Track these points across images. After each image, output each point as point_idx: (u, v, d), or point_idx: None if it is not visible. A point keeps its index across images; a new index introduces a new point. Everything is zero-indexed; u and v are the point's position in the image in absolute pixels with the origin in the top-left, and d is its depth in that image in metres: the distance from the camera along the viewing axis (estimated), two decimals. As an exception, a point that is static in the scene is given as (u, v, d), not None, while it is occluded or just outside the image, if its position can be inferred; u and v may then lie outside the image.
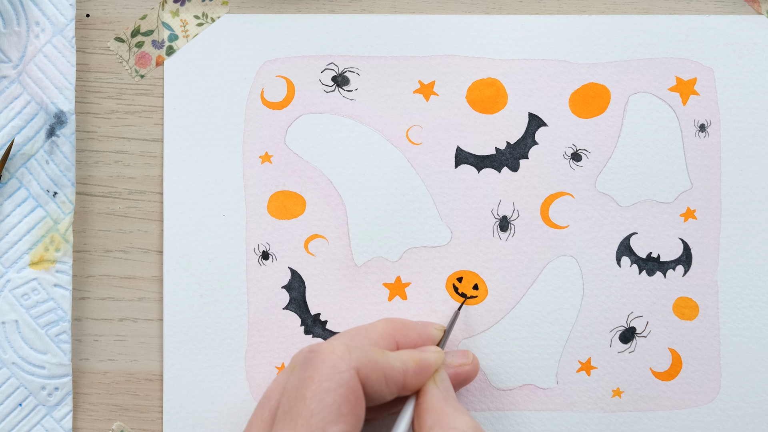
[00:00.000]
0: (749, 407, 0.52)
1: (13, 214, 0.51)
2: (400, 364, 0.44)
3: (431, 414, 0.43)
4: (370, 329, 0.47)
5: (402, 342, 0.47)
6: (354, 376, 0.41)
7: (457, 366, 0.48)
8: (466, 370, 0.48)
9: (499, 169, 0.52)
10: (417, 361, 0.45)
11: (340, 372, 0.41)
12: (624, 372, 0.52)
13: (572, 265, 0.52)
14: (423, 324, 0.49)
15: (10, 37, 0.51)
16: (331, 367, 0.41)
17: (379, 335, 0.46)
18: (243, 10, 0.52)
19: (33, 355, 0.51)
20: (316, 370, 0.41)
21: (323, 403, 0.40)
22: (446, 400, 0.44)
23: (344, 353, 0.42)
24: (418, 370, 0.44)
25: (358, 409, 0.41)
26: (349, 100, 0.52)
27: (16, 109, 0.51)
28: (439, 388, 0.45)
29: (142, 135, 0.52)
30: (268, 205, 0.52)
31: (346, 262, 0.52)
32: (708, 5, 0.53)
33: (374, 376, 0.42)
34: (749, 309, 0.52)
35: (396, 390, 0.44)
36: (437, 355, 0.46)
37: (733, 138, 0.52)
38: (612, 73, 0.52)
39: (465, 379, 0.48)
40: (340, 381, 0.41)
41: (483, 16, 0.52)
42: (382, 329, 0.47)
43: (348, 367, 0.41)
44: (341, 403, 0.41)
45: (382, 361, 0.43)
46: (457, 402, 0.45)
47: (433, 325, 0.49)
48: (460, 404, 0.45)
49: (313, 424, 0.40)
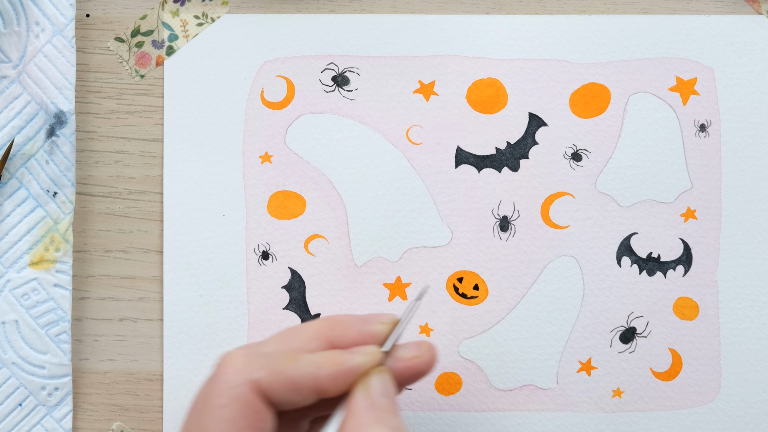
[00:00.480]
0: (749, 407, 0.52)
1: (13, 214, 0.51)
2: (312, 369, 0.41)
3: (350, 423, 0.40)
4: (302, 329, 0.43)
5: (337, 342, 0.43)
6: (249, 390, 0.39)
7: (409, 359, 0.43)
8: (418, 363, 0.43)
9: (499, 169, 0.52)
10: (336, 364, 0.41)
11: (234, 387, 0.39)
12: (624, 372, 0.52)
13: (572, 265, 0.52)
14: (366, 320, 0.44)
15: (10, 37, 0.51)
16: (226, 381, 0.39)
17: (310, 335, 0.43)
18: (243, 10, 0.52)
19: (33, 355, 0.51)
20: (214, 385, 0.40)
21: (218, 419, 0.39)
22: (369, 410, 0.41)
23: (241, 366, 0.40)
24: (335, 375, 0.41)
25: (259, 422, 0.40)
26: (349, 100, 0.52)
27: (16, 109, 0.51)
28: (369, 394, 0.41)
29: (142, 135, 0.52)
30: (268, 205, 0.52)
31: (346, 262, 0.52)
32: (708, 5, 0.53)
33: (277, 386, 0.40)
34: (749, 309, 0.52)
35: (312, 395, 0.41)
36: (366, 357, 0.42)
37: (733, 138, 0.52)
38: (612, 73, 0.52)
39: (419, 373, 0.44)
40: (235, 396, 0.39)
41: (483, 16, 0.52)
42: (315, 329, 0.43)
43: (242, 381, 0.39)
44: (237, 418, 0.39)
45: (289, 368, 0.40)
46: (389, 409, 0.41)
47: (379, 320, 0.44)
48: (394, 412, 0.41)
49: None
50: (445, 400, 0.52)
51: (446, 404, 0.52)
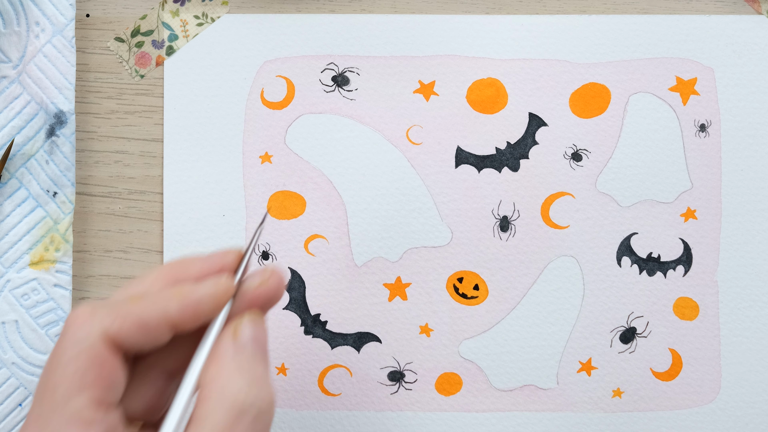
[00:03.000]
0: (749, 407, 0.52)
1: (13, 214, 0.51)
2: (160, 304, 0.40)
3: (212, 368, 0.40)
4: (144, 276, 0.42)
5: (183, 278, 0.42)
6: (96, 341, 0.39)
7: (257, 287, 0.42)
8: (265, 289, 0.42)
9: (499, 169, 0.52)
10: (182, 296, 0.40)
11: (79, 340, 0.39)
12: (624, 372, 0.52)
13: (573, 266, 0.52)
14: (210, 254, 0.43)
15: (10, 37, 0.51)
16: (72, 335, 0.39)
17: (152, 279, 0.42)
18: (243, 10, 0.52)
19: (33, 355, 0.51)
20: (62, 341, 0.39)
21: (65, 374, 0.38)
22: (233, 357, 0.40)
23: (86, 319, 0.39)
24: (183, 307, 0.40)
25: (108, 373, 0.39)
26: (349, 100, 0.52)
27: (16, 109, 0.51)
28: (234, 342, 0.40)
29: (142, 135, 0.52)
30: (268, 205, 0.52)
31: (346, 262, 0.52)
32: (708, 5, 0.53)
33: (127, 330, 0.39)
34: (749, 309, 0.52)
35: (164, 331, 0.40)
36: (214, 287, 0.41)
37: (733, 138, 0.52)
38: (612, 73, 0.52)
39: (271, 299, 0.42)
40: (81, 348, 0.38)
41: (483, 16, 0.52)
42: (157, 272, 0.42)
43: (88, 333, 0.39)
44: (85, 370, 0.38)
45: (136, 308, 0.39)
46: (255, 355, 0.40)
47: (225, 252, 0.43)
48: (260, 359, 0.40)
49: (57, 398, 0.38)
50: (445, 401, 0.52)
51: (446, 404, 0.52)
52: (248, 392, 0.39)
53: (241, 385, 0.39)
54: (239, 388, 0.39)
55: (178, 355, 0.42)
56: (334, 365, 0.52)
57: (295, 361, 0.52)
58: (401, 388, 0.52)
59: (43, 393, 0.39)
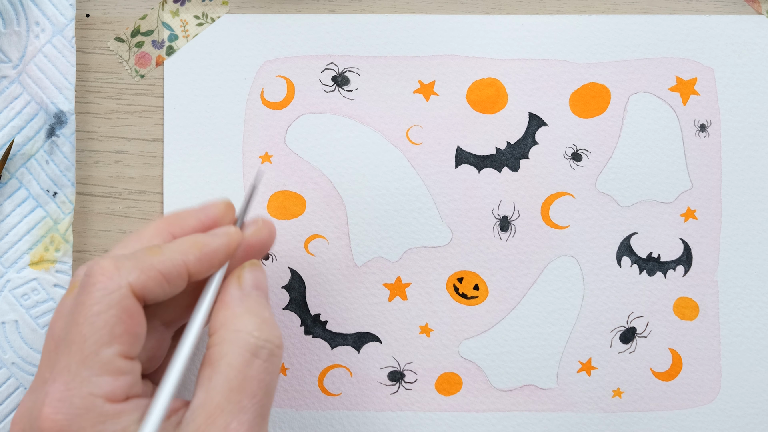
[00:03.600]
0: (749, 407, 0.52)
1: (13, 214, 0.51)
2: (179, 256, 0.42)
3: (222, 314, 0.42)
4: (141, 232, 0.44)
5: (179, 233, 0.44)
6: (126, 294, 0.40)
7: (250, 236, 0.45)
8: (260, 237, 0.45)
9: (499, 169, 0.52)
10: (199, 247, 0.42)
11: (110, 293, 0.40)
12: (624, 372, 0.52)
13: (573, 266, 0.52)
14: (202, 206, 0.45)
15: (10, 37, 0.51)
16: (101, 289, 0.40)
17: (151, 234, 0.44)
18: (243, 10, 0.52)
19: (33, 355, 0.51)
20: (88, 295, 0.40)
21: (94, 327, 0.40)
22: (241, 301, 0.42)
23: (113, 272, 0.40)
24: (201, 256, 0.42)
25: (134, 327, 0.40)
26: (349, 100, 0.52)
27: (16, 109, 0.51)
28: (240, 288, 0.43)
29: (142, 135, 0.52)
30: (268, 205, 0.52)
31: (346, 262, 0.52)
32: (708, 5, 0.53)
33: (152, 282, 0.41)
34: (749, 309, 0.52)
35: (182, 283, 0.42)
36: (226, 236, 0.43)
37: (733, 138, 0.52)
38: (612, 73, 0.52)
39: (264, 246, 0.45)
40: (111, 302, 0.40)
41: (483, 16, 0.52)
42: (154, 227, 0.44)
43: (118, 286, 0.40)
44: (114, 324, 0.40)
45: (157, 261, 0.41)
46: (258, 303, 0.43)
47: (214, 203, 0.45)
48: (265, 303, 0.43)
49: (86, 349, 0.39)
50: (445, 401, 0.52)
51: (446, 404, 0.52)
52: (260, 333, 0.41)
53: (253, 327, 0.41)
54: (251, 330, 0.41)
55: (176, 306, 0.44)
56: (334, 365, 0.52)
57: (295, 361, 0.52)
58: (401, 388, 0.52)
59: (70, 345, 0.40)
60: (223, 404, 0.40)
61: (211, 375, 0.40)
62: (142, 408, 0.40)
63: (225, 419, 0.40)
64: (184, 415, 0.40)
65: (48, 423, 0.39)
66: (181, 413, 0.41)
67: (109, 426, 0.39)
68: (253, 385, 0.41)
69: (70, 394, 0.39)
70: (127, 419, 0.39)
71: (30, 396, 0.41)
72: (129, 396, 0.40)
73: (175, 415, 0.41)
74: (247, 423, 0.40)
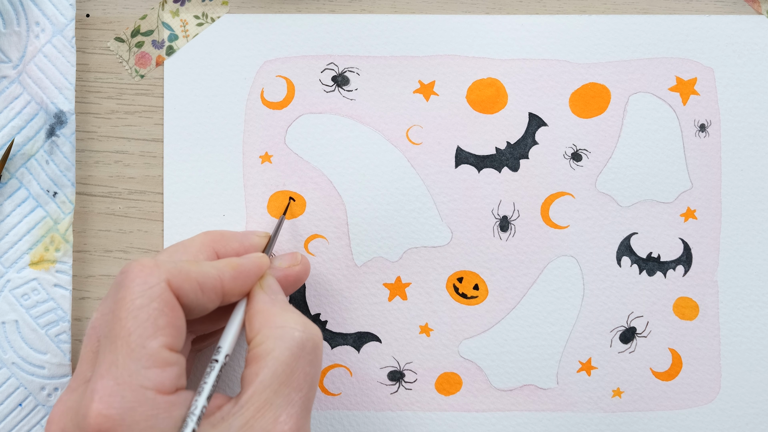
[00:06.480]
0: (749, 407, 0.52)
1: (13, 214, 0.51)
2: (215, 271, 0.43)
3: (259, 317, 0.43)
4: (187, 243, 0.46)
5: (222, 252, 0.47)
6: (165, 289, 0.41)
7: (287, 268, 0.48)
8: (295, 271, 0.48)
9: (499, 169, 0.52)
10: (234, 267, 0.44)
11: (150, 287, 0.41)
12: (624, 372, 0.52)
13: (573, 265, 0.52)
14: (244, 233, 0.48)
15: (10, 37, 0.51)
16: (142, 283, 0.41)
17: (197, 248, 0.46)
18: (243, 10, 0.52)
19: (33, 355, 0.51)
20: (128, 290, 0.41)
21: (138, 320, 0.40)
22: (273, 303, 0.44)
23: (152, 268, 0.42)
24: (236, 275, 0.44)
25: (176, 320, 0.41)
26: (349, 100, 0.52)
27: (16, 109, 0.51)
28: (266, 293, 0.45)
29: (142, 135, 0.52)
30: (268, 205, 0.52)
31: (346, 262, 0.52)
32: (708, 5, 0.53)
33: (187, 286, 0.42)
34: (749, 309, 0.52)
35: (215, 297, 0.43)
36: (257, 260, 0.46)
37: (733, 138, 0.52)
38: (612, 73, 0.52)
39: (296, 281, 0.48)
40: (152, 295, 0.41)
41: (483, 16, 0.52)
42: (200, 241, 0.46)
43: (158, 280, 0.41)
44: (157, 316, 0.40)
45: (195, 270, 0.43)
46: (286, 303, 0.45)
47: (256, 233, 0.49)
48: (290, 305, 0.45)
49: (132, 342, 0.40)
50: (445, 400, 0.52)
51: (446, 404, 0.52)
52: (304, 328, 0.43)
53: (294, 323, 0.43)
54: (294, 325, 0.43)
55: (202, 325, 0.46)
56: (334, 365, 0.52)
57: (295, 361, 0.52)
58: (401, 387, 0.52)
59: (115, 340, 0.40)
60: (272, 398, 0.41)
61: (257, 371, 0.41)
62: (190, 401, 0.41)
63: (274, 413, 0.41)
64: (230, 410, 0.41)
65: (99, 419, 0.39)
66: (226, 409, 0.41)
67: (161, 419, 0.39)
68: (300, 378, 0.42)
69: (120, 388, 0.39)
70: (178, 412, 0.40)
71: (70, 395, 0.42)
72: (177, 388, 0.41)
73: (219, 410, 0.41)
74: (296, 416, 0.41)
